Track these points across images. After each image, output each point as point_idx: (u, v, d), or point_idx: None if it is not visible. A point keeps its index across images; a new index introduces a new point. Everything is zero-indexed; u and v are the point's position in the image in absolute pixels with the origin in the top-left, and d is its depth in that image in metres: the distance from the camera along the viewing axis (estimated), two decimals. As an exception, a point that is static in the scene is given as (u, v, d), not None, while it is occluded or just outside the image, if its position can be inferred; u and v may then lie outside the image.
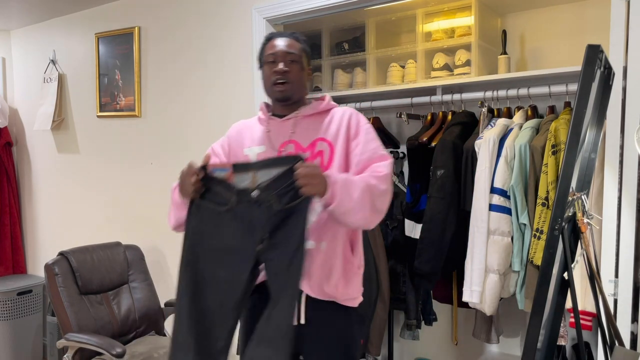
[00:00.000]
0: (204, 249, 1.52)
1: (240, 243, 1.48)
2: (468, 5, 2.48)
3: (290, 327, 1.45)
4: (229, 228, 1.49)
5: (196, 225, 1.53)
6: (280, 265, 1.46)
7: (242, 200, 1.47)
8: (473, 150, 2.22)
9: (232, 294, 1.49)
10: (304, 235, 1.44)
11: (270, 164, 1.49)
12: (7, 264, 3.70)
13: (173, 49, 2.91)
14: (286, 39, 1.67)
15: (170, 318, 2.80)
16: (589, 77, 1.15)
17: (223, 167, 1.53)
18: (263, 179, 1.46)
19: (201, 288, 1.50)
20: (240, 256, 1.49)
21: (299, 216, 1.45)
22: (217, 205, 1.50)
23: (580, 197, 1.26)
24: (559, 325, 1.45)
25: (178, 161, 2.92)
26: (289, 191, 1.44)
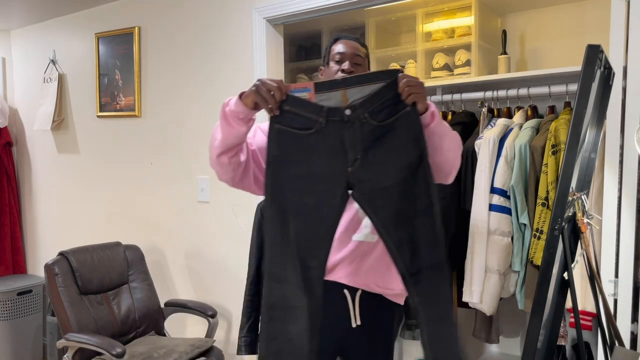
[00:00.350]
0: (288, 177, 1.38)
1: (328, 167, 1.37)
2: (468, 5, 2.48)
3: None
4: (315, 152, 1.37)
5: (278, 154, 1.38)
6: (378, 184, 1.36)
7: (331, 120, 1.36)
8: (473, 150, 2.22)
9: (322, 220, 1.38)
10: (421, 146, 1.35)
11: (362, 80, 1.37)
12: (7, 264, 3.70)
13: (173, 48, 2.91)
14: (354, 42, 1.73)
15: (170, 318, 2.81)
16: (589, 77, 1.15)
17: (304, 87, 1.37)
18: (355, 97, 1.36)
19: (290, 218, 1.38)
20: (329, 181, 1.38)
21: (404, 130, 1.35)
22: (300, 130, 1.37)
23: (580, 197, 1.26)
24: (559, 325, 1.45)
25: (178, 161, 2.93)
26: (386, 107, 1.35)
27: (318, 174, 1.38)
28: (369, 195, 1.37)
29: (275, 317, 1.37)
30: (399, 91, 1.35)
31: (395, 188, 1.37)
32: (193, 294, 2.92)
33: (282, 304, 1.37)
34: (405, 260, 1.38)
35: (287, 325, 1.37)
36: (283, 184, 1.39)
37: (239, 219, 2.67)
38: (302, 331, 1.36)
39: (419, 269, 1.39)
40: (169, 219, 3.00)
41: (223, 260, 2.79)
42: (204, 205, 2.84)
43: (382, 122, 1.36)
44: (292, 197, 1.38)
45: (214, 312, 2.63)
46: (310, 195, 1.38)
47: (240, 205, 2.67)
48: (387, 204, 1.37)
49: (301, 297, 1.36)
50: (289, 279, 1.37)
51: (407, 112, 1.36)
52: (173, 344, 2.45)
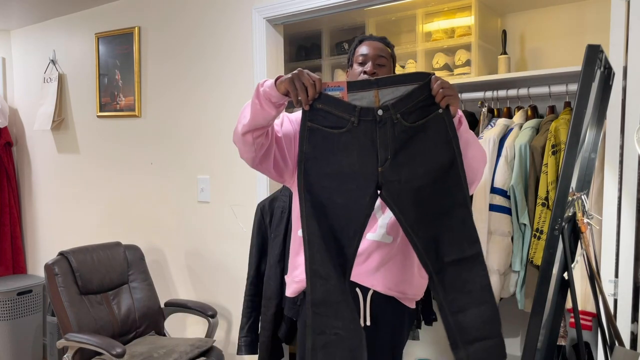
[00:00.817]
0: (320, 175, 1.40)
1: (359, 166, 1.39)
2: (468, 5, 2.49)
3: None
4: (346, 152, 1.39)
5: (309, 151, 1.40)
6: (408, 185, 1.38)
7: (363, 120, 1.37)
8: (473, 150, 2.22)
9: (352, 219, 1.40)
10: (454, 148, 1.38)
11: (395, 81, 1.39)
12: (7, 264, 3.70)
13: (173, 49, 2.91)
14: (378, 42, 1.72)
15: (170, 318, 2.81)
16: (589, 77, 1.15)
17: (337, 86, 1.38)
18: (387, 98, 1.37)
19: (321, 215, 1.41)
20: (359, 180, 1.40)
21: (435, 132, 1.38)
22: (331, 128, 1.39)
23: (580, 197, 1.26)
24: (559, 325, 1.45)
25: (178, 161, 2.93)
26: (418, 109, 1.38)
27: (348, 173, 1.40)
28: (397, 195, 1.39)
29: (320, 312, 1.40)
30: (433, 93, 1.37)
31: (425, 189, 1.39)
32: (193, 294, 2.92)
33: (327, 300, 1.40)
34: (432, 259, 1.41)
35: (333, 320, 1.39)
36: (314, 182, 1.40)
37: (239, 219, 2.67)
38: (348, 324, 1.39)
39: (443, 266, 1.41)
40: (169, 219, 3.00)
41: (223, 260, 2.79)
42: (204, 205, 2.84)
43: (413, 123, 1.38)
44: (322, 195, 1.41)
45: (214, 312, 2.63)
46: (341, 193, 1.40)
47: (240, 205, 2.68)
48: (415, 205, 1.40)
49: (343, 292, 1.40)
50: (331, 275, 1.39)
51: (439, 114, 1.38)
52: (173, 344, 2.45)
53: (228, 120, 2.71)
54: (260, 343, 2.24)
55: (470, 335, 1.42)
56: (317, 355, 1.39)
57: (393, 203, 1.40)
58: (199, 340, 2.51)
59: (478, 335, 1.42)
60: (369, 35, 1.77)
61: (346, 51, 2.93)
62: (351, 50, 1.76)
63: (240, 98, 2.66)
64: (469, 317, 1.42)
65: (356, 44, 1.75)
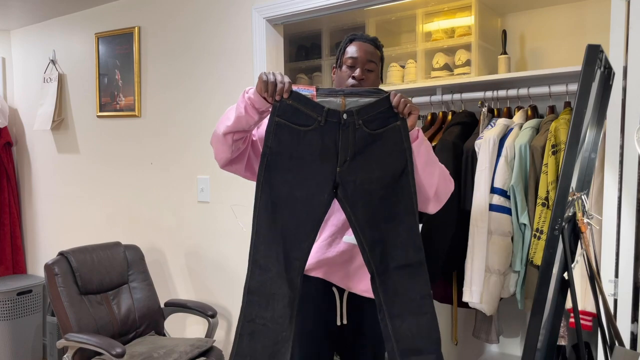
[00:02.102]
0: (282, 169, 1.47)
1: (320, 164, 1.46)
2: (468, 5, 2.48)
3: None
4: (309, 148, 1.46)
5: (274, 146, 1.46)
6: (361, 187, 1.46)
7: (329, 121, 1.46)
8: (473, 150, 2.22)
9: (309, 214, 1.47)
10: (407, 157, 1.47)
11: (358, 93, 1.50)
12: (7, 264, 3.70)
13: (173, 49, 2.91)
14: (369, 45, 1.70)
15: (170, 318, 2.81)
16: (589, 77, 1.15)
17: (307, 88, 1.49)
18: (354, 105, 1.47)
19: (278, 208, 1.47)
20: (319, 177, 1.47)
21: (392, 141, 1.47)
22: (298, 125, 1.46)
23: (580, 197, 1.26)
24: (559, 325, 1.45)
25: (178, 161, 2.93)
26: (378, 118, 1.47)
27: (310, 170, 1.46)
28: (351, 195, 1.47)
29: (253, 301, 1.46)
30: (394, 104, 1.47)
31: (376, 192, 1.47)
32: (193, 294, 2.92)
33: (261, 290, 1.46)
34: (375, 260, 1.48)
35: (263, 311, 1.46)
36: (275, 175, 1.46)
37: (239, 219, 2.67)
38: (277, 317, 1.45)
39: (387, 269, 1.48)
40: (169, 219, 3.00)
41: (223, 260, 2.79)
42: (204, 205, 2.84)
43: (373, 131, 1.47)
44: (283, 189, 1.47)
45: (214, 312, 2.63)
46: (300, 189, 1.46)
47: (240, 205, 2.67)
48: (366, 206, 1.47)
49: (280, 286, 1.46)
50: (271, 268, 1.46)
51: (397, 125, 1.48)
52: (173, 344, 2.45)
53: (228, 120, 2.71)
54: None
55: (406, 345, 1.47)
56: (242, 341, 1.45)
57: (346, 202, 1.48)
58: (199, 340, 2.51)
59: (415, 348, 1.47)
60: (361, 34, 1.75)
61: (346, 51, 2.93)
62: (341, 48, 1.74)
63: (240, 98, 2.65)
64: (407, 325, 1.48)
65: (346, 42, 1.73)
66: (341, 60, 1.71)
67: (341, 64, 1.71)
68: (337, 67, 1.74)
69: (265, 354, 1.45)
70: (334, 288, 1.69)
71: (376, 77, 1.71)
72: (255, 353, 1.45)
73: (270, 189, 1.46)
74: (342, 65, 1.71)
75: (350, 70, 1.68)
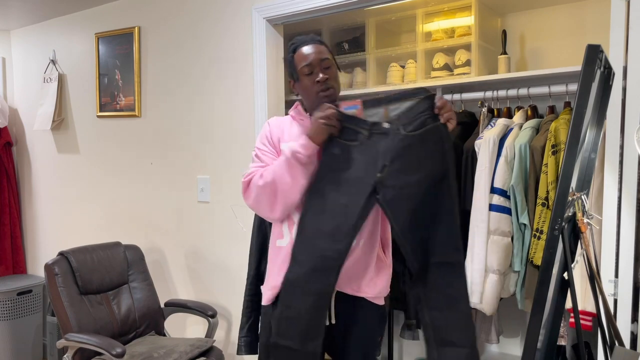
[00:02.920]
0: (332, 181, 1.57)
1: (363, 173, 1.54)
2: (468, 5, 2.48)
3: None
4: (357, 161, 1.55)
5: (327, 160, 1.58)
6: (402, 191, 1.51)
7: (373, 133, 1.53)
8: (473, 150, 2.22)
9: (347, 219, 1.55)
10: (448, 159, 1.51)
11: (401, 96, 1.55)
12: (7, 264, 3.70)
13: (173, 48, 2.91)
14: (313, 45, 1.69)
15: (170, 318, 2.81)
16: (589, 77, 1.15)
17: (353, 105, 1.57)
18: (395, 112, 1.54)
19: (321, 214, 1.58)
20: (360, 185, 1.54)
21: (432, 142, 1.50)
22: (347, 140, 1.56)
23: (580, 197, 1.26)
24: (559, 325, 1.45)
25: (178, 161, 2.93)
26: (417, 119, 1.51)
27: (354, 178, 1.56)
28: (391, 200, 1.52)
29: (289, 290, 1.60)
30: (439, 105, 1.50)
31: (417, 196, 1.52)
32: (193, 294, 2.92)
33: (296, 282, 1.59)
34: (418, 260, 1.54)
35: (297, 301, 1.59)
36: (324, 184, 1.58)
37: (239, 219, 2.67)
38: (309, 308, 1.58)
39: (427, 265, 1.54)
40: (169, 219, 3.00)
41: (223, 260, 2.79)
42: (204, 205, 2.84)
43: (411, 132, 1.51)
44: (328, 196, 1.58)
45: (214, 312, 2.63)
46: (344, 195, 1.56)
47: (240, 205, 2.67)
48: (407, 211, 1.52)
49: (314, 281, 1.57)
50: (305, 264, 1.57)
51: (438, 126, 1.51)
52: (173, 344, 2.45)
53: (228, 120, 2.71)
54: (260, 343, 2.24)
55: (443, 336, 1.55)
56: (280, 324, 1.61)
57: (387, 207, 1.53)
58: (199, 340, 2.51)
59: (451, 340, 1.54)
60: (299, 39, 1.72)
61: (346, 51, 2.93)
62: (288, 62, 1.71)
63: (241, 97, 2.66)
64: (444, 318, 1.55)
65: (290, 54, 1.70)
66: (297, 73, 1.69)
67: (298, 76, 1.69)
68: (295, 80, 1.72)
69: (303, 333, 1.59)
70: None
71: (336, 71, 1.71)
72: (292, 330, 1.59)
73: (316, 195, 1.59)
74: (299, 77, 1.69)
75: (310, 77, 1.66)
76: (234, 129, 2.68)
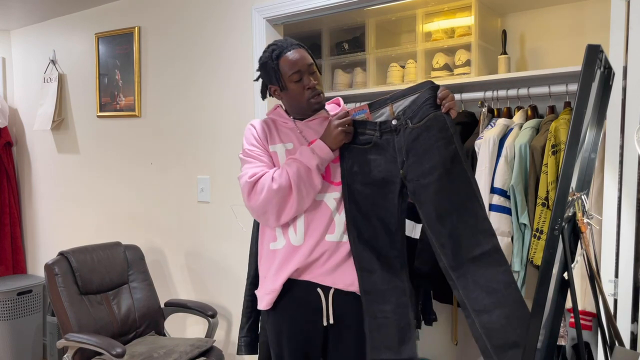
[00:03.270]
0: (360, 185, 1.62)
1: (387, 172, 1.59)
2: (468, 5, 2.48)
3: None
4: (375, 162, 1.60)
5: (349, 167, 1.64)
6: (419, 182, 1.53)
7: (383, 132, 1.59)
8: (473, 150, 2.22)
9: (390, 217, 1.60)
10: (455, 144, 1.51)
11: (405, 93, 1.59)
12: (7, 264, 3.70)
13: (173, 49, 2.91)
14: (297, 51, 1.66)
15: (170, 318, 2.81)
16: (589, 77, 1.15)
17: (361, 110, 1.63)
18: (399, 108, 1.59)
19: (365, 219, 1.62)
20: (390, 184, 1.59)
21: (436, 130, 1.52)
22: (362, 145, 1.62)
23: (580, 197, 1.25)
24: (559, 325, 1.44)
25: (178, 161, 2.93)
26: (420, 110, 1.54)
27: (380, 180, 1.60)
28: (413, 193, 1.56)
29: (371, 299, 1.62)
30: (441, 96, 1.52)
31: (432, 186, 1.52)
32: (193, 294, 2.92)
33: (374, 289, 1.61)
34: (448, 256, 1.49)
35: (382, 305, 1.61)
36: (356, 192, 1.62)
37: (239, 219, 2.67)
38: (395, 308, 1.60)
39: (461, 262, 1.47)
40: (169, 219, 3.00)
41: (223, 260, 2.79)
42: (204, 205, 2.84)
43: (417, 124, 1.54)
44: (365, 202, 1.62)
45: (214, 312, 2.63)
46: (378, 198, 1.60)
47: (240, 205, 2.67)
48: (429, 200, 1.53)
49: (388, 281, 1.61)
50: (375, 268, 1.61)
51: (440, 114, 1.52)
52: (173, 344, 2.45)
53: (228, 120, 2.71)
54: (260, 343, 2.24)
55: (500, 340, 1.38)
56: (373, 335, 1.60)
57: (415, 200, 1.56)
58: (199, 340, 2.51)
59: (510, 340, 1.37)
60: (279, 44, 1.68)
61: (346, 51, 2.93)
62: (272, 70, 1.66)
63: (240, 97, 2.66)
64: (496, 318, 1.39)
65: (275, 63, 1.65)
66: (283, 81, 1.66)
67: (284, 84, 1.66)
68: (281, 89, 1.68)
69: (395, 340, 1.59)
70: (319, 289, 1.69)
71: (319, 74, 1.73)
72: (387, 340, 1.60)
73: (355, 205, 1.63)
74: (286, 85, 1.66)
75: (299, 84, 1.65)
76: (234, 129, 2.68)
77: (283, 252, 1.67)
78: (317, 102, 1.68)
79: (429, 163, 1.52)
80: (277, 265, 1.67)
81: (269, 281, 1.71)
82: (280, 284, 1.67)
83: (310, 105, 1.68)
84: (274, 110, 1.81)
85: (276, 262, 1.68)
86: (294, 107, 1.73)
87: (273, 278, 1.68)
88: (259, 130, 1.75)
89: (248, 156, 1.70)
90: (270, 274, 1.71)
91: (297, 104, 1.70)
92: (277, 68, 1.66)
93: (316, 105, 1.69)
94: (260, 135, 1.74)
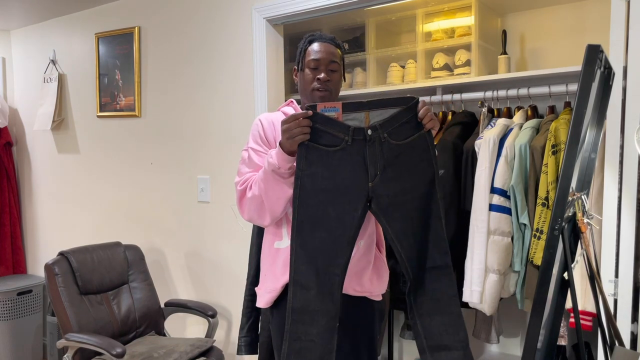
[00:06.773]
0: (315, 190, 1.50)
1: (351, 181, 1.50)
2: (468, 5, 2.48)
3: None
4: (339, 168, 1.50)
5: (306, 167, 1.51)
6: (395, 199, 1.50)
7: (355, 139, 1.49)
8: (473, 150, 2.22)
9: (344, 230, 1.51)
10: (434, 166, 1.51)
11: (384, 104, 1.50)
12: (7, 264, 3.71)
13: (173, 49, 2.91)
14: (329, 44, 1.69)
15: (170, 318, 2.81)
16: (589, 77, 1.15)
17: (332, 107, 1.50)
18: (376, 119, 1.49)
19: (314, 228, 1.51)
20: (351, 195, 1.50)
21: (420, 150, 1.51)
22: (326, 146, 1.49)
23: (580, 197, 1.25)
24: (559, 325, 1.45)
25: (178, 161, 2.93)
26: (403, 129, 1.50)
27: (342, 188, 1.50)
28: (385, 208, 1.51)
29: (298, 319, 1.52)
30: (420, 115, 1.49)
31: (410, 202, 1.51)
32: (193, 294, 2.92)
33: (305, 308, 1.51)
34: (413, 267, 1.54)
35: (308, 327, 1.51)
36: (310, 196, 1.51)
37: (239, 219, 2.67)
38: (322, 332, 1.51)
39: (419, 273, 1.55)
40: (169, 219, 3.00)
41: (223, 260, 2.79)
42: (204, 205, 2.84)
43: (400, 142, 1.50)
44: (317, 208, 1.51)
45: (214, 312, 2.63)
46: (334, 207, 1.50)
47: (240, 205, 2.67)
48: (401, 217, 1.51)
49: (322, 302, 1.51)
50: (312, 286, 1.51)
51: (424, 134, 1.51)
52: (173, 344, 2.45)
53: (228, 120, 2.71)
54: (260, 343, 2.24)
55: (435, 341, 1.55)
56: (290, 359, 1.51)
57: (381, 215, 1.51)
58: (199, 340, 2.51)
59: (443, 344, 1.55)
60: (319, 34, 1.72)
61: (346, 51, 2.93)
62: (300, 50, 1.71)
63: (240, 97, 2.66)
64: (435, 322, 1.55)
65: (306, 44, 1.70)
66: (303, 63, 1.70)
67: (303, 66, 1.70)
68: (299, 69, 1.72)
69: None
70: None
71: (339, 77, 1.72)
72: None
73: (305, 210, 1.51)
74: (304, 67, 1.69)
75: (313, 72, 1.67)
76: (234, 129, 2.68)
77: (286, 251, 1.66)
78: (320, 97, 1.68)
79: (410, 182, 1.51)
80: (282, 265, 1.66)
81: (271, 280, 1.70)
82: (282, 284, 1.66)
83: (313, 96, 1.68)
84: (287, 103, 1.80)
85: (279, 261, 1.67)
86: (301, 92, 1.74)
87: (275, 277, 1.68)
88: (266, 126, 1.73)
89: (249, 156, 1.70)
90: (272, 273, 1.70)
91: (304, 89, 1.71)
92: (304, 50, 1.70)
93: (318, 100, 1.68)
94: (267, 132, 1.73)
